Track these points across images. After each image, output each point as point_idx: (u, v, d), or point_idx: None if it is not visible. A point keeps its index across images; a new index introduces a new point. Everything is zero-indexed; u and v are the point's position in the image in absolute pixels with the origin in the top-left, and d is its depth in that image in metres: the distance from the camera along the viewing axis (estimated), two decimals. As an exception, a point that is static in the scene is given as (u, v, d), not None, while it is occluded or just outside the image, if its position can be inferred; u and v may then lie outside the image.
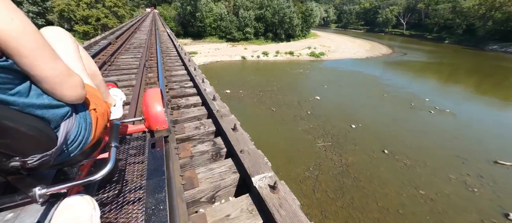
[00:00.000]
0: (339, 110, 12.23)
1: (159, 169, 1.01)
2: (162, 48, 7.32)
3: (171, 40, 9.65)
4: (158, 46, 6.71)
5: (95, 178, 0.67)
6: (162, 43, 8.47)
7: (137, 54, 6.32)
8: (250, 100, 13.54)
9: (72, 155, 0.65)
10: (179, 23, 32.28)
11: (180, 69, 4.88)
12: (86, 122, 0.68)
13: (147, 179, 0.95)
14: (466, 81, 20.64)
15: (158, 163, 1.06)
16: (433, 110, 12.62)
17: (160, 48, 6.67)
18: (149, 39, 9.14)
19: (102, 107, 0.81)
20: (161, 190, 0.89)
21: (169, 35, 11.39)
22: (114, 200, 0.90)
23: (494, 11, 45.14)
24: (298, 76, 19.58)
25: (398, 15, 71.57)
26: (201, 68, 20.77)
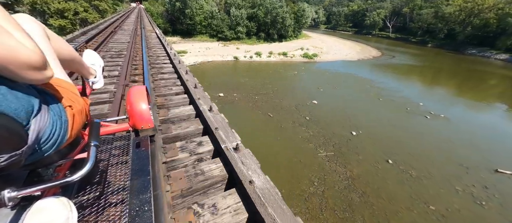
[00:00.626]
0: (337, 115, 11.86)
1: (144, 169, 0.97)
2: (151, 59, 5.39)
3: (162, 45, 7.32)
4: (144, 54, 5.06)
5: (72, 179, 0.63)
6: (151, 49, 6.50)
7: (113, 71, 4.14)
8: (245, 104, 12.81)
9: (46, 154, 0.62)
10: (167, 20, 30.58)
11: (182, 102, 3.04)
12: (61, 120, 0.64)
13: (131, 179, 0.91)
14: (448, 83, 21.65)
15: (143, 163, 1.02)
16: (429, 115, 12.65)
17: (147, 57, 5.07)
18: (133, 43, 6.92)
19: (79, 104, 0.77)
20: (146, 191, 0.86)
21: (158, 37, 8.88)
22: (95, 202, 0.83)
23: (473, 17, 47.73)
24: (293, 78, 19.13)
25: (384, 18, 73.88)
26: (192, 69, 19.63)
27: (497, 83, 23.38)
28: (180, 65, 4.49)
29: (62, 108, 0.67)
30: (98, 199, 0.86)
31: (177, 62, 4.84)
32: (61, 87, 0.71)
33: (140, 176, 0.94)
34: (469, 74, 26.63)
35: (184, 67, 4.36)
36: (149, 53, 5.94)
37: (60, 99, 0.68)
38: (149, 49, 6.61)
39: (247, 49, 27.30)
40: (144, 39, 7.43)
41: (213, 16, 30.77)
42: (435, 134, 10.57)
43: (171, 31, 30.82)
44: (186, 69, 4.16)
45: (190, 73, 3.97)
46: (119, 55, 5.61)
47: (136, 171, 0.97)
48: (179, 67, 4.24)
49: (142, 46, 6.38)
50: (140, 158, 1.06)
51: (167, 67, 4.83)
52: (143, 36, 8.13)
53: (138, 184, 0.90)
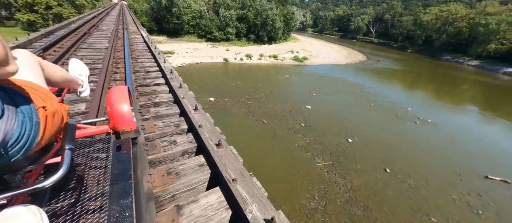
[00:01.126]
0: (332, 122, 11.70)
1: (125, 173, 0.92)
2: (138, 76, 3.82)
3: (150, 52, 5.64)
4: (128, 71, 3.53)
5: (43, 185, 0.60)
6: (136, 60, 4.84)
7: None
8: (238, 110, 12.24)
9: (13, 160, 0.59)
10: (153, 18, 29.00)
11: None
12: (31, 121, 0.61)
13: (110, 184, 0.86)
14: (428, 88, 22.97)
15: (124, 166, 0.97)
16: (417, 120, 12.96)
17: (132, 74, 3.64)
18: (113, 51, 5.31)
19: (54, 106, 0.74)
20: (126, 196, 0.82)
21: (146, 41, 7.02)
22: (70, 209, 0.79)
23: (447, 25, 51.25)
24: (285, 81, 18.88)
25: (368, 24, 77.06)
26: (180, 71, 18.58)
27: (469, 87, 25.18)
28: (183, 91, 3.02)
29: (34, 109, 0.64)
30: (73, 206, 0.80)
31: (176, 84, 3.22)
32: (34, 89, 0.70)
33: (120, 180, 0.89)
34: (445, 79, 28.50)
35: (190, 97, 2.90)
36: (134, 67, 4.31)
37: (32, 100, 0.65)
38: (135, 59, 4.94)
39: (237, 51, 26.69)
40: (127, 45, 5.60)
41: (202, 15, 29.74)
42: (426, 140, 10.77)
43: (156, 30, 29.26)
44: (196, 104, 2.62)
45: (205, 115, 2.52)
46: (92, 71, 3.85)
47: (116, 175, 0.92)
48: (181, 95, 2.81)
49: (124, 56, 4.66)
50: (121, 161, 1.00)
51: (163, 92, 3.27)
52: (126, 40, 6.25)
53: (119, 189, 0.85)
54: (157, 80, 3.77)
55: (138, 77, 3.80)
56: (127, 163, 1.00)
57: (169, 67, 4.13)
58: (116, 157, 1.03)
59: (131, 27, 11.60)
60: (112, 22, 12.20)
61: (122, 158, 1.02)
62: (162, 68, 4.04)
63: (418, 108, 15.26)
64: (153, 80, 3.72)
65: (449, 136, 11.41)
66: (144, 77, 3.84)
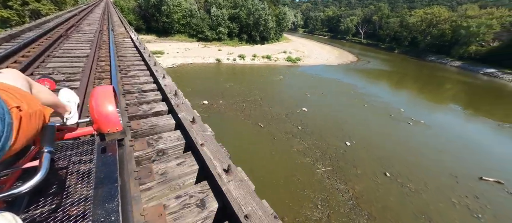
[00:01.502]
0: (329, 124, 11.58)
1: (110, 176, 0.90)
2: (129, 99, 2.72)
3: (145, 63, 4.36)
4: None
5: (19, 191, 0.58)
6: (127, 75, 3.62)
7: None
8: (233, 113, 11.81)
9: None
10: (140, 16, 27.74)
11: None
12: (3, 122, 0.57)
13: (94, 188, 0.83)
14: (414, 88, 23.80)
15: (109, 169, 0.94)
16: (410, 122, 13.14)
17: (123, 100, 2.74)
18: (95, 60, 4.16)
19: (31, 107, 0.70)
20: (112, 199, 0.79)
21: (136, 46, 5.63)
22: (50, 216, 0.75)
23: (432, 27, 53.39)
24: (279, 83, 18.64)
25: (357, 25, 78.83)
26: (170, 71, 17.81)
27: (452, 87, 26.38)
28: (197, 129, 2.04)
29: (6, 109, 0.60)
30: (54, 212, 0.75)
31: (187, 117, 2.20)
32: (10, 89, 0.67)
33: (105, 184, 0.86)
34: (430, 79, 29.77)
35: (221, 152, 1.75)
36: (124, 84, 3.14)
37: (4, 100, 0.62)
38: (124, 72, 3.69)
39: (230, 51, 26.15)
40: (113, 52, 4.33)
41: (192, 14, 28.86)
42: (420, 141, 10.89)
43: (144, 29, 28.01)
44: (229, 164, 1.58)
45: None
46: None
47: (101, 178, 0.88)
48: (196, 138, 1.83)
49: (110, 64, 3.73)
50: (106, 164, 0.96)
51: (167, 128, 2.24)
52: (112, 45, 4.95)
53: (104, 193, 0.82)
54: (156, 106, 2.61)
55: (130, 101, 2.63)
56: (113, 165, 0.96)
57: (172, 86, 3.01)
58: (101, 160, 0.99)
59: (118, 27, 10.14)
60: (95, 21, 10.62)
61: (107, 160, 0.99)
62: (161, 86, 2.93)
63: (410, 109, 15.54)
64: (152, 107, 2.57)
65: (441, 137, 11.63)
66: (138, 102, 2.66)
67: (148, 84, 3.31)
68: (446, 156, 9.75)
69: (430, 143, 10.82)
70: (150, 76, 3.68)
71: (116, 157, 1.02)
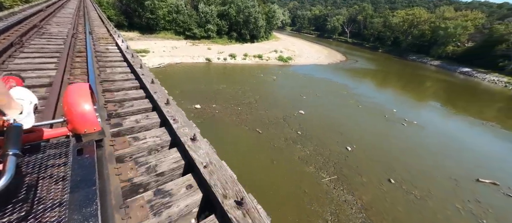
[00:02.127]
0: (328, 128, 11.29)
1: (88, 179, 0.85)
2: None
3: (145, 92, 2.70)
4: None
5: None
6: (119, 114, 2.20)
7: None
8: (228, 118, 11.09)
9: None
10: (122, 11, 25.64)
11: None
12: None
13: (70, 192, 0.79)
14: (402, 87, 24.62)
15: (86, 172, 0.89)
16: (404, 122, 13.30)
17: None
18: (63, 85, 2.56)
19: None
20: (90, 204, 0.76)
21: (127, 59, 3.88)
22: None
23: (413, 28, 55.89)
24: (273, 84, 18.12)
25: (343, 24, 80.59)
26: (158, 72, 16.56)
27: (433, 85, 27.88)
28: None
29: None
30: (24, 220, 0.72)
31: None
32: None
33: (82, 187, 0.81)
34: (413, 78, 31.36)
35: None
36: (116, 148, 1.65)
37: None
38: (115, 107, 2.27)
39: (220, 50, 25.13)
40: (93, 73, 2.74)
41: (179, 10, 27.26)
42: (416, 143, 10.98)
43: (126, 25, 25.94)
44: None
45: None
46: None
47: (77, 182, 0.83)
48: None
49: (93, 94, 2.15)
50: (82, 166, 0.91)
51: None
52: (91, 58, 3.33)
53: (81, 197, 0.78)
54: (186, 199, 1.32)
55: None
56: (91, 167, 0.92)
57: (207, 150, 1.63)
58: (77, 162, 0.94)
59: (98, 28, 7.62)
60: (68, 19, 7.92)
61: (84, 162, 0.94)
62: (191, 157, 1.52)
63: (401, 109, 15.82)
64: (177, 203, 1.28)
65: (434, 138, 11.85)
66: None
67: (160, 135, 1.91)
68: (442, 158, 9.87)
69: (425, 144, 10.94)
70: (157, 116, 2.21)
71: (94, 159, 0.97)
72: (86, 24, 6.80)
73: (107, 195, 1.05)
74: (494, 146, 12.09)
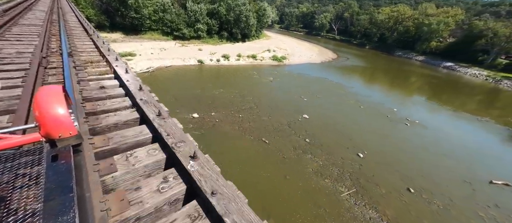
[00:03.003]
0: (334, 133, 10.80)
1: (64, 186, 0.82)
2: None
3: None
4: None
5: None
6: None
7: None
8: (230, 127, 10.23)
9: None
10: (102, 10, 23.49)
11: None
12: None
13: (44, 201, 0.76)
14: (393, 83, 25.30)
15: (62, 178, 0.85)
16: (407, 122, 13.17)
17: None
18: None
19: None
20: (67, 212, 0.73)
21: (153, 127, 1.76)
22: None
23: (398, 24, 57.53)
24: (271, 86, 17.40)
25: (330, 21, 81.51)
26: (147, 78, 15.21)
27: (421, 81, 28.88)
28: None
29: None
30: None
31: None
32: None
33: (58, 195, 0.78)
34: (402, 74, 32.58)
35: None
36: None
37: None
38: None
39: (212, 51, 23.93)
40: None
41: (165, 9, 25.57)
42: (424, 144, 10.79)
43: (108, 26, 23.85)
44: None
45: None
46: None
47: (52, 190, 0.79)
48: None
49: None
50: (58, 173, 0.87)
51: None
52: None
53: (56, 205, 0.74)
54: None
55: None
56: (67, 174, 0.87)
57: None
58: (52, 169, 0.89)
59: (80, 41, 4.89)
60: (35, 29, 5.31)
61: (59, 169, 0.89)
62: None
63: (400, 107, 15.78)
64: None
65: (439, 139, 11.76)
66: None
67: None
68: (452, 161, 9.73)
69: (431, 146, 10.78)
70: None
71: (71, 165, 0.92)
72: (62, 37, 4.30)
73: (86, 202, 0.94)
74: (493, 143, 12.28)
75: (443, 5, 64.98)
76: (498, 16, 62.46)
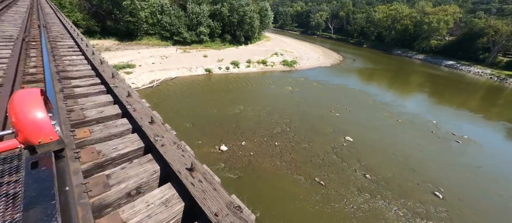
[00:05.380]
0: (390, 161, 9.06)
1: (45, 194, 0.79)
2: None
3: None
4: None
5: None
6: None
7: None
8: (270, 163, 8.21)
9: None
10: (91, 14, 20.47)
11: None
12: None
13: (23, 210, 0.74)
14: (413, 88, 23.55)
15: (43, 186, 0.82)
16: (457, 139, 11.68)
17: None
18: None
19: None
20: (49, 220, 0.72)
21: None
22: None
23: (396, 23, 57.25)
24: (293, 98, 15.44)
25: (326, 20, 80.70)
26: (151, 95, 12.81)
27: (427, 80, 27.57)
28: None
29: None
30: None
31: None
32: None
33: (39, 203, 0.75)
34: (409, 74, 31.13)
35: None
36: None
37: None
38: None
39: (218, 57, 21.65)
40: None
41: (164, 10, 22.91)
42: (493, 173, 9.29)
43: (98, 31, 20.88)
44: None
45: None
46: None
47: (32, 198, 0.77)
48: None
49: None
50: (38, 180, 0.84)
51: None
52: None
53: (37, 214, 0.72)
54: None
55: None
56: (48, 181, 0.84)
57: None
58: (31, 176, 0.85)
59: (75, 70, 2.81)
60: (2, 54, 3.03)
61: (40, 176, 0.86)
62: None
63: (439, 118, 14.29)
64: None
65: (501, 161, 10.32)
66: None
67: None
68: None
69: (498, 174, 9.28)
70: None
71: (53, 171, 0.89)
72: (47, 65, 2.46)
73: (71, 209, 0.91)
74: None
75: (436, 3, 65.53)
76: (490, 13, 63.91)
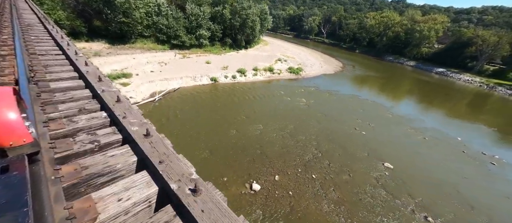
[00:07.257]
0: (445, 196, 8.03)
1: (17, 201, 0.75)
2: None
3: None
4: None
5: None
6: None
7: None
8: (314, 206, 6.76)
9: None
10: (78, 13, 17.68)
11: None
12: None
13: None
14: (415, 95, 23.23)
15: (14, 192, 0.78)
16: (492, 161, 11.04)
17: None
18: None
19: None
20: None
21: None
22: None
23: (387, 30, 58.69)
24: (311, 113, 14.10)
25: (319, 24, 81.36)
26: (154, 111, 10.84)
27: (430, 88, 27.92)
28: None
29: None
30: None
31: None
32: None
33: (10, 210, 0.71)
34: (412, 83, 31.71)
35: None
36: None
37: None
38: None
39: (223, 64, 19.88)
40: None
41: (161, 11, 20.70)
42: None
43: (85, 32, 18.15)
44: None
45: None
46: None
47: (1, 205, 0.73)
48: None
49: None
50: (8, 186, 0.80)
51: None
52: None
53: (8, 222, 0.69)
54: None
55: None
56: (20, 187, 0.80)
57: None
58: (1, 182, 0.81)
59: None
60: None
61: (10, 181, 0.81)
62: None
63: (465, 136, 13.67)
64: None
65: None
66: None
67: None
68: None
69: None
70: None
71: (26, 176, 0.84)
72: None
73: (47, 217, 0.89)
74: None
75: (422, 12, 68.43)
76: (470, 23, 67.91)
